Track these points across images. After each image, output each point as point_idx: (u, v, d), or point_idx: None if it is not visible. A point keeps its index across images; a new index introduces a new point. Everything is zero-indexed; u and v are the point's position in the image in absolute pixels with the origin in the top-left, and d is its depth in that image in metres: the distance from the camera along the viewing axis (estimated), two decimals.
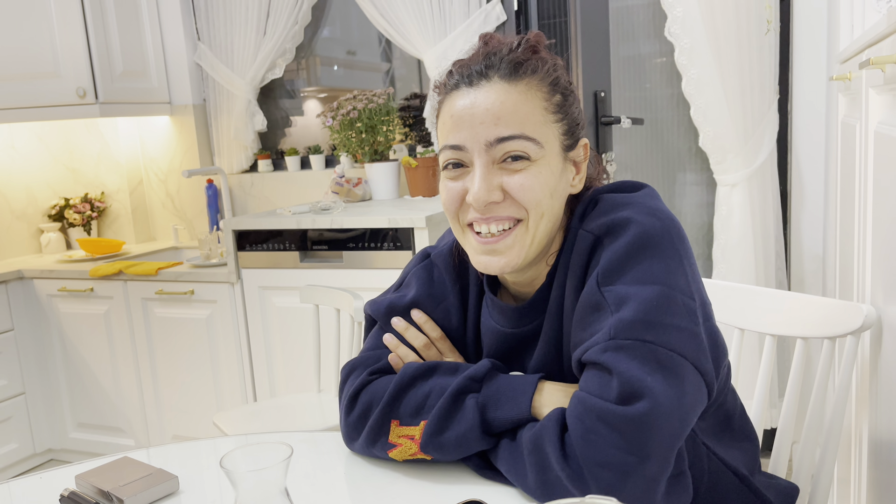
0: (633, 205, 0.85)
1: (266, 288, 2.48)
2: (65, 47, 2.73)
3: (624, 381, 0.73)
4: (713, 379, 0.79)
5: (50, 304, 2.81)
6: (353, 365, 0.97)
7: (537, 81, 0.85)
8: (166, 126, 3.16)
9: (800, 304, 1.15)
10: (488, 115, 0.82)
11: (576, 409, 0.76)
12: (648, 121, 2.63)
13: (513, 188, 0.83)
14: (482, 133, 0.82)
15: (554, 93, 0.86)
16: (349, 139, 2.71)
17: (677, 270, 0.80)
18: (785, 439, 1.16)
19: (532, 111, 0.83)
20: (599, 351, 0.76)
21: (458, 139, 0.84)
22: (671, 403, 0.73)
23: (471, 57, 0.88)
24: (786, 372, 2.36)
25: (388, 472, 0.89)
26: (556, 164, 0.86)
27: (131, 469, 0.91)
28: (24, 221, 3.15)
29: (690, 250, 0.85)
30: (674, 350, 0.75)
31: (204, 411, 2.68)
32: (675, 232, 0.83)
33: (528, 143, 0.83)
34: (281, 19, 2.88)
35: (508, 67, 0.84)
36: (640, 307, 0.77)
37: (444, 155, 0.86)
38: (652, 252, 0.80)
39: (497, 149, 0.83)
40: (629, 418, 0.72)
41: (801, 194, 2.30)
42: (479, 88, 0.84)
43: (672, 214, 0.86)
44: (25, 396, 2.82)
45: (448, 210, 0.88)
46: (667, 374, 0.74)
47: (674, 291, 0.78)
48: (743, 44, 2.11)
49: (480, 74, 0.84)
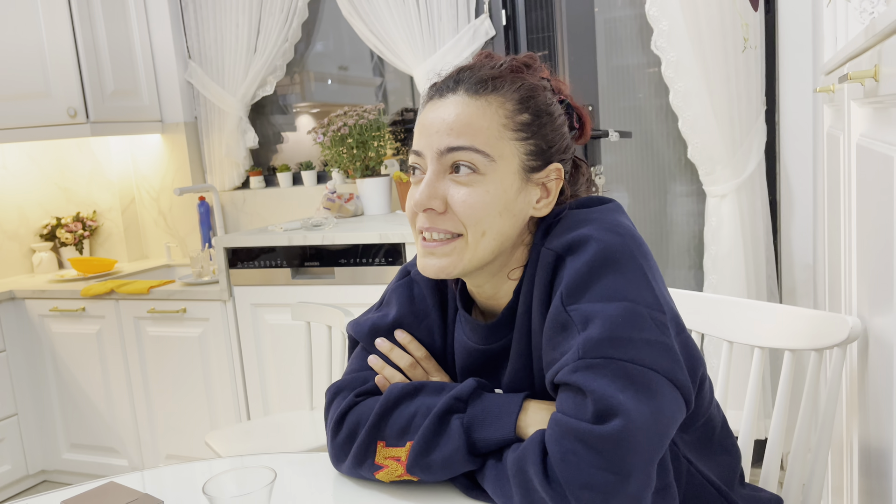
0: (594, 221, 0.85)
1: (258, 305, 2.47)
2: (55, 67, 2.73)
3: (597, 400, 0.73)
4: (690, 390, 0.79)
5: (42, 324, 2.80)
6: (338, 387, 0.96)
7: (501, 98, 0.86)
8: (158, 144, 3.16)
9: (787, 316, 1.15)
10: (443, 125, 0.85)
11: (553, 432, 0.76)
12: (637, 132, 2.64)
13: (455, 202, 0.85)
14: (435, 141, 0.85)
15: (521, 112, 0.87)
16: (340, 155, 2.72)
17: (641, 284, 0.80)
18: (775, 450, 1.16)
19: (488, 126, 0.85)
20: (570, 371, 0.76)
21: (417, 145, 0.88)
22: (645, 419, 0.73)
23: (451, 73, 0.91)
24: (776, 382, 2.36)
25: (376, 494, 0.89)
26: (509, 183, 0.86)
27: (117, 494, 0.90)
28: (16, 241, 3.14)
29: (654, 264, 0.86)
30: (644, 365, 0.75)
31: (197, 430, 2.66)
32: (636, 246, 0.83)
33: (477, 155, 0.84)
34: (271, 37, 2.89)
35: (473, 82, 0.87)
36: (605, 324, 0.77)
37: (411, 157, 0.90)
38: (614, 268, 0.81)
39: (447, 158, 0.85)
40: (605, 437, 0.72)
41: (790, 204, 2.32)
42: (445, 100, 0.87)
43: (633, 229, 0.86)
44: (18, 417, 2.81)
45: (408, 217, 0.91)
46: (639, 390, 0.74)
47: (639, 306, 0.79)
48: (729, 56, 2.13)
49: (449, 88, 0.88)
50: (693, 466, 0.90)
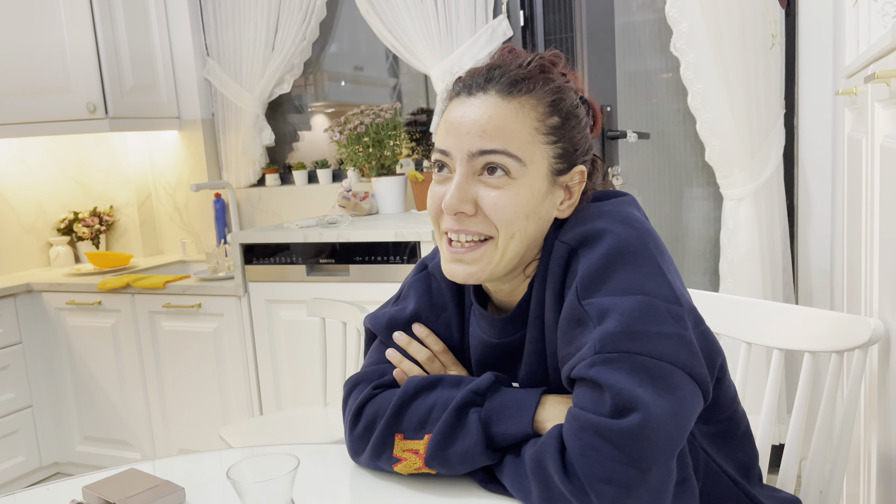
0: (608, 214, 0.85)
1: (273, 301, 2.48)
2: (75, 62, 2.76)
3: (615, 395, 0.73)
4: (708, 382, 0.79)
5: (58, 317, 2.82)
6: (356, 380, 0.97)
7: (534, 101, 0.85)
8: (175, 140, 3.18)
9: (807, 317, 1.14)
10: (475, 127, 0.84)
11: (571, 427, 0.76)
12: (654, 135, 2.64)
13: (486, 204, 0.84)
14: (466, 143, 0.84)
15: (551, 115, 0.86)
16: (356, 153, 2.72)
17: (657, 278, 0.80)
18: (793, 455, 1.15)
19: (520, 129, 0.84)
20: (587, 366, 0.76)
21: (444, 145, 0.86)
22: (664, 412, 0.73)
23: (479, 69, 0.89)
24: (793, 387, 2.34)
25: (393, 485, 0.89)
26: (538, 186, 0.86)
27: (138, 481, 0.91)
28: (34, 235, 3.17)
29: (669, 257, 0.85)
30: (661, 358, 0.75)
31: (210, 424, 2.68)
32: (651, 239, 0.83)
33: (510, 159, 0.83)
34: (289, 35, 2.90)
35: (506, 83, 0.85)
36: (622, 318, 0.77)
37: (434, 155, 0.89)
38: (629, 261, 0.80)
39: (478, 160, 0.84)
40: (624, 431, 0.72)
41: (808, 208, 2.30)
42: (475, 99, 0.86)
43: (647, 222, 0.86)
44: (33, 409, 2.83)
45: (431, 214, 0.90)
46: (657, 383, 0.74)
47: (655, 299, 0.78)
48: (749, 59, 2.12)
49: (479, 87, 0.86)
50: (710, 458, 0.90)
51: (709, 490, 0.89)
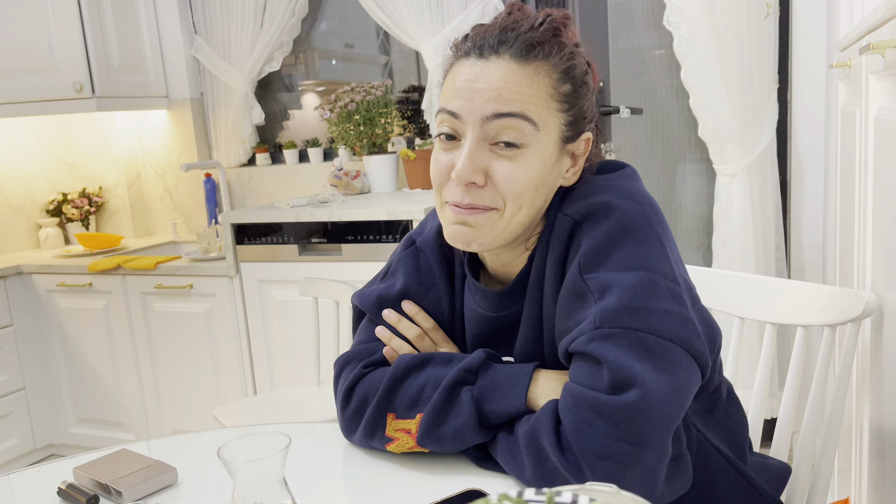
0: (613, 188, 0.83)
1: (265, 281, 2.47)
2: (61, 41, 2.71)
3: (613, 370, 0.73)
4: (707, 360, 0.79)
5: (49, 299, 2.80)
6: (346, 358, 0.96)
7: (549, 67, 0.82)
8: (164, 120, 3.15)
9: (800, 291, 1.14)
10: (490, 92, 0.80)
11: (568, 402, 0.75)
12: (647, 111, 2.62)
13: (498, 176, 0.81)
14: (480, 107, 0.80)
15: (564, 82, 0.83)
16: (347, 132, 2.70)
17: (660, 254, 0.79)
18: (785, 429, 1.15)
19: (536, 95, 0.81)
20: (586, 341, 0.76)
21: (455, 106, 0.82)
22: (662, 390, 0.72)
23: (490, 25, 0.84)
24: (785, 362, 2.36)
25: (386, 463, 0.89)
26: (549, 154, 0.83)
27: (129, 461, 0.91)
28: (22, 216, 3.14)
29: (671, 233, 0.84)
30: (661, 335, 0.75)
31: (204, 405, 2.68)
32: (655, 215, 0.82)
33: (525, 122, 0.80)
34: (278, 12, 2.86)
35: (521, 47, 0.81)
36: (623, 294, 0.76)
37: (440, 118, 0.84)
38: (633, 237, 0.79)
39: (492, 125, 0.80)
40: (621, 408, 0.72)
41: (800, 183, 2.30)
42: (489, 62, 0.81)
43: (651, 197, 0.84)
44: (25, 391, 2.82)
45: (434, 182, 0.86)
46: (656, 361, 0.74)
47: (657, 276, 0.78)
48: (742, 33, 2.10)
49: (492, 49, 0.81)
50: (702, 435, 0.90)
51: (702, 467, 0.89)
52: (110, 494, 0.85)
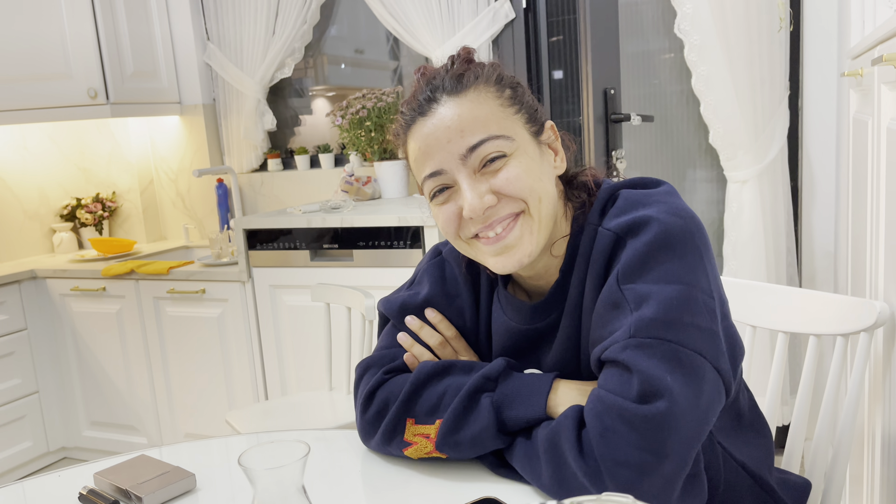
0: (655, 203, 0.84)
1: (277, 287, 2.49)
2: (76, 48, 2.74)
3: (644, 380, 0.73)
4: (731, 379, 0.80)
5: (63, 303, 2.83)
6: (368, 363, 0.97)
7: (483, 84, 0.86)
8: (176, 126, 3.17)
9: (812, 301, 1.15)
10: (451, 132, 0.84)
11: (595, 407, 0.76)
12: (657, 118, 2.62)
13: (501, 185, 0.84)
14: (452, 149, 0.84)
15: (503, 89, 0.88)
16: (358, 138, 2.72)
17: (698, 269, 0.80)
18: (798, 437, 1.16)
19: (490, 112, 0.85)
20: (619, 349, 0.76)
21: (433, 165, 0.85)
22: (689, 403, 0.73)
23: (413, 91, 0.89)
24: (796, 369, 2.35)
25: (403, 470, 0.89)
26: (532, 152, 0.87)
27: (149, 467, 0.92)
28: (37, 221, 3.17)
29: (711, 249, 0.85)
30: (694, 350, 0.76)
31: (215, 410, 2.69)
32: (697, 230, 0.83)
33: (498, 140, 0.84)
34: (290, 18, 2.88)
35: (452, 82, 0.86)
36: (660, 306, 0.77)
37: (428, 185, 0.87)
38: (674, 251, 0.80)
39: (472, 157, 0.84)
40: (648, 417, 0.72)
41: (811, 191, 2.30)
42: (434, 112, 0.85)
43: (694, 213, 0.85)
44: (39, 395, 2.85)
45: (448, 233, 0.89)
46: (686, 374, 0.74)
47: (694, 290, 0.78)
48: (753, 40, 2.10)
49: (429, 100, 0.86)
50: (728, 453, 0.90)
51: (729, 488, 0.89)
52: (130, 500, 0.87)
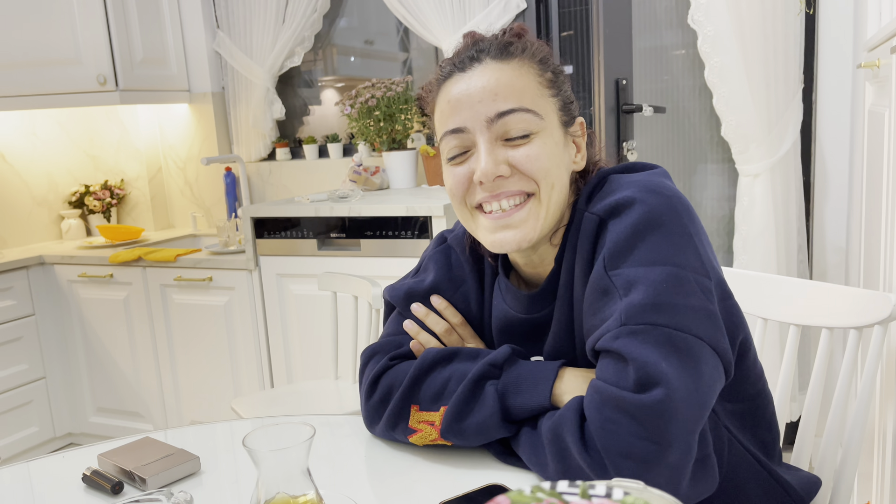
0: (637, 183, 0.83)
1: (284, 275, 2.48)
2: (86, 34, 2.74)
3: (639, 368, 0.72)
4: (730, 358, 0.78)
5: (70, 289, 2.84)
6: (373, 350, 0.96)
7: (528, 59, 0.86)
8: (185, 114, 3.17)
9: (826, 293, 1.13)
10: (486, 93, 0.83)
11: (593, 399, 0.75)
12: (669, 111, 2.60)
13: (519, 161, 0.83)
14: (482, 110, 0.83)
15: (545, 70, 0.87)
16: (367, 127, 2.70)
17: (687, 248, 0.78)
18: (808, 433, 1.14)
19: (528, 85, 0.84)
20: (612, 338, 0.75)
21: (457, 121, 0.84)
22: (688, 388, 0.72)
23: (459, 49, 0.89)
24: (802, 365, 2.33)
25: (408, 456, 0.89)
26: (558, 138, 0.86)
27: (153, 449, 0.91)
28: (45, 207, 3.18)
29: (701, 227, 0.84)
30: (688, 332, 0.74)
31: (221, 397, 2.70)
32: (683, 208, 0.81)
33: (529, 114, 0.83)
34: (300, 7, 2.87)
35: (498, 49, 0.85)
36: (649, 290, 0.75)
37: (447, 143, 0.86)
38: (658, 231, 0.78)
39: (498, 124, 0.83)
40: (646, 406, 0.71)
41: (824, 185, 2.27)
42: (473, 71, 0.85)
43: (678, 191, 0.84)
44: (46, 381, 2.86)
45: (454, 195, 0.87)
46: (682, 358, 0.73)
47: (684, 270, 0.77)
48: (768, 32, 2.08)
49: (472, 59, 0.86)
50: (734, 436, 0.89)
51: (733, 469, 0.88)
52: (134, 482, 0.86)
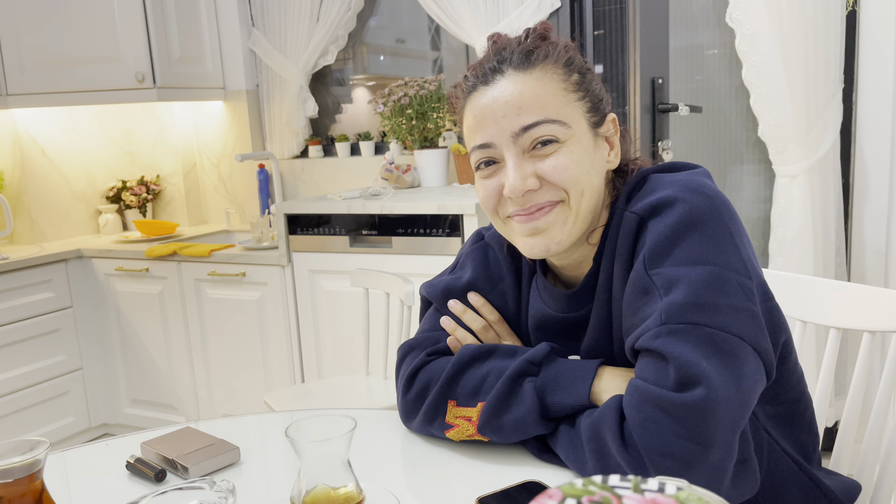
0: (679, 183, 0.82)
1: (316, 272, 2.50)
2: (125, 33, 2.79)
3: (679, 367, 0.72)
4: (772, 359, 0.77)
5: (107, 282, 2.89)
6: (410, 345, 0.97)
7: (551, 65, 0.85)
8: (220, 111, 3.21)
9: (868, 296, 1.11)
10: (509, 107, 0.83)
11: (633, 398, 0.75)
12: (704, 110, 2.57)
13: (547, 172, 0.83)
14: (506, 125, 0.83)
15: (571, 73, 0.86)
16: (399, 126, 2.71)
17: (728, 248, 0.78)
18: (847, 438, 1.12)
19: (552, 94, 0.83)
20: (652, 337, 0.75)
21: (484, 137, 0.85)
22: (729, 388, 0.71)
23: (482, 58, 0.89)
24: (840, 368, 2.29)
25: (445, 451, 0.89)
26: (587, 142, 0.86)
27: (194, 438, 0.93)
28: (84, 202, 3.24)
29: (742, 227, 0.83)
30: (729, 332, 0.73)
31: (253, 391, 2.73)
32: (724, 208, 0.80)
33: (554, 125, 0.83)
34: (334, 5, 2.89)
35: (520, 57, 0.85)
36: (690, 289, 0.75)
37: (475, 156, 0.87)
38: (699, 230, 0.78)
39: (524, 137, 0.83)
40: (687, 405, 0.70)
41: (864, 187, 2.23)
42: (496, 84, 0.85)
43: (720, 191, 0.83)
44: (83, 372, 2.92)
45: (487, 207, 0.88)
46: (723, 358, 0.72)
47: (725, 270, 0.76)
48: (808, 30, 2.04)
49: (494, 70, 0.85)
50: (773, 440, 0.88)
51: (773, 472, 0.87)
52: (177, 470, 0.88)
